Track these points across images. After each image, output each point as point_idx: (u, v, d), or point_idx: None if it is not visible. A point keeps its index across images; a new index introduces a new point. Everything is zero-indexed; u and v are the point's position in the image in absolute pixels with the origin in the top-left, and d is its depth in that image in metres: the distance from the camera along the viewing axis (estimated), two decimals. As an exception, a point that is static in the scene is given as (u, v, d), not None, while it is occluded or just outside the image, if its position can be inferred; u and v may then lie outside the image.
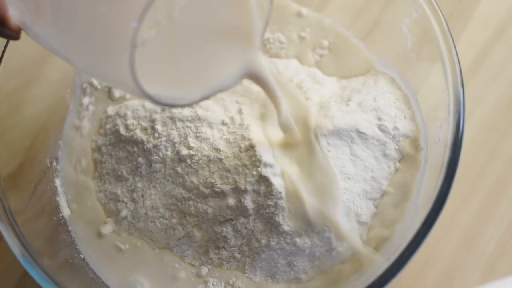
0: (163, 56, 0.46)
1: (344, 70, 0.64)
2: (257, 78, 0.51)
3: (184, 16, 0.46)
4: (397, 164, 0.59)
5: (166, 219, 0.60)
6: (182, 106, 0.48)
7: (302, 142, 0.57)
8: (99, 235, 0.61)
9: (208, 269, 0.59)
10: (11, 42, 0.57)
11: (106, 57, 0.42)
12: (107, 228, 0.61)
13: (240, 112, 0.60)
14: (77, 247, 0.61)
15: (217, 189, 0.57)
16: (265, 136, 0.59)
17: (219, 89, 0.49)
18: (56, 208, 0.61)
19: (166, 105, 0.45)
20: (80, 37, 0.42)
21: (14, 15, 0.43)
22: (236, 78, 0.50)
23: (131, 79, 0.41)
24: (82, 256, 0.60)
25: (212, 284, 0.59)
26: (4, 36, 0.43)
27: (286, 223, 0.56)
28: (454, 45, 0.54)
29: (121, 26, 0.40)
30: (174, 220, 0.59)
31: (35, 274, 0.52)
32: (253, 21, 0.48)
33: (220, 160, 0.58)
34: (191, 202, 0.59)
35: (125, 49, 0.40)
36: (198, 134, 0.59)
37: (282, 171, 0.56)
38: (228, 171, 0.57)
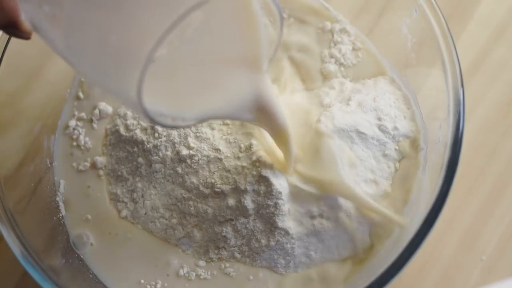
0: (170, 75, 0.47)
1: (358, 74, 0.63)
2: (263, 108, 0.50)
3: (195, 38, 0.46)
4: (397, 164, 0.59)
5: (166, 219, 0.60)
6: (179, 127, 0.48)
7: (308, 148, 0.57)
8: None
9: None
10: (11, 43, 0.57)
11: (114, 69, 0.43)
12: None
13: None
14: (77, 247, 0.61)
15: (217, 189, 0.57)
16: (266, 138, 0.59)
17: (222, 115, 0.49)
18: (56, 208, 0.61)
19: (163, 125, 0.46)
20: (91, 49, 0.43)
21: (27, 19, 0.43)
22: (242, 105, 0.49)
23: (136, 95, 0.41)
24: (82, 256, 0.60)
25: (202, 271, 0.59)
26: (15, 36, 0.44)
27: (286, 223, 0.56)
28: (454, 45, 0.54)
29: (135, 42, 0.40)
30: (174, 220, 0.59)
31: (35, 274, 0.52)
32: (261, 48, 0.48)
33: (220, 160, 0.58)
34: (191, 202, 0.59)
35: (136, 64, 0.40)
36: (198, 134, 0.59)
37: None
38: (228, 171, 0.57)
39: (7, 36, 0.57)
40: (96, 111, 0.64)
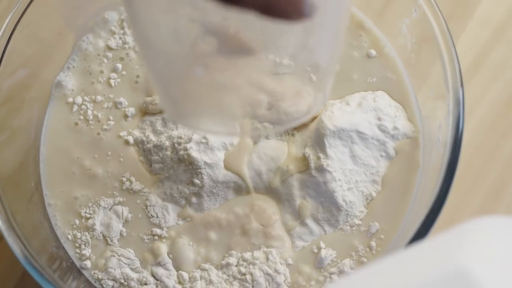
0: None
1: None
2: None
3: None
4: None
5: (166, 219, 0.60)
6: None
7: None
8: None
9: None
10: (11, 42, 0.57)
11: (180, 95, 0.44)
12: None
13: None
14: (77, 247, 0.61)
15: (217, 189, 0.58)
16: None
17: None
18: (56, 208, 0.61)
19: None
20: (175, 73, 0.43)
21: None
22: None
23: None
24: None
25: None
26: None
27: None
28: (454, 45, 0.54)
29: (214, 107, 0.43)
30: (174, 220, 0.60)
31: (35, 274, 0.52)
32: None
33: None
34: (191, 202, 0.59)
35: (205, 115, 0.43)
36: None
37: None
38: (228, 171, 0.58)
39: (7, 36, 0.57)
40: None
